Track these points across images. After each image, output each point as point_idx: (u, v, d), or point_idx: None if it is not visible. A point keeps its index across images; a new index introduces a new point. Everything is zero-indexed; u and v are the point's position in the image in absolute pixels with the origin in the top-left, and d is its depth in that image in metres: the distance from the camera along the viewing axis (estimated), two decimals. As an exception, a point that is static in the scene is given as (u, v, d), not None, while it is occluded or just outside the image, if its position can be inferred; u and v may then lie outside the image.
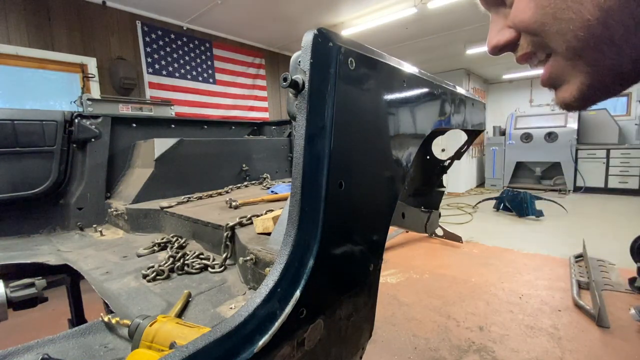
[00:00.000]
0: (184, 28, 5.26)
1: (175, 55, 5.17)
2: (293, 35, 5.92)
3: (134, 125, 2.20)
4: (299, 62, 0.64)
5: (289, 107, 0.70)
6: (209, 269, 1.13)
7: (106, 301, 0.93)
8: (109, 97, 4.05)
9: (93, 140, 1.91)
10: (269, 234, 1.07)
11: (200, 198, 1.82)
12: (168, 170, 1.90)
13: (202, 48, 5.55)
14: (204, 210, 1.52)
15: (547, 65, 0.40)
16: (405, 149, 0.95)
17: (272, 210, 1.26)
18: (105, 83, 4.42)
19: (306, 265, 0.65)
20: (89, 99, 3.46)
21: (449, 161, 2.23)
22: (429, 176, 2.32)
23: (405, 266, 3.61)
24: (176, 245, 1.33)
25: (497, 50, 0.45)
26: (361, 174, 0.78)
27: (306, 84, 0.62)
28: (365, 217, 0.83)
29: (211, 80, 5.70)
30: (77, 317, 1.75)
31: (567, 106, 0.41)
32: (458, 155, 2.22)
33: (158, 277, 1.07)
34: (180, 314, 0.84)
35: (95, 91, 4.30)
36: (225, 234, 1.17)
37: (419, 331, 2.36)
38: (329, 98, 0.66)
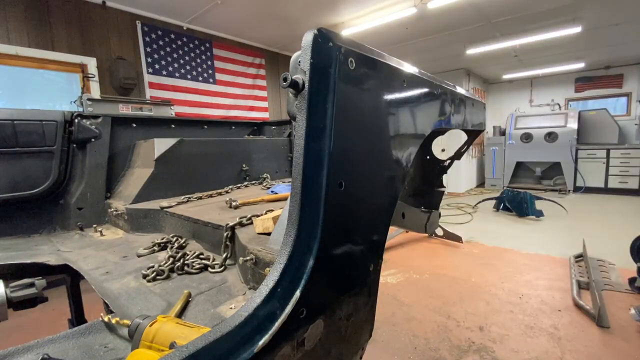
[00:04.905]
0: (184, 28, 5.26)
1: (175, 55, 5.17)
2: (293, 35, 5.92)
3: (134, 125, 2.20)
4: (299, 62, 0.64)
5: (289, 107, 0.70)
6: (209, 269, 1.13)
7: (106, 301, 0.93)
8: (109, 97, 4.05)
9: (93, 140, 1.91)
10: (269, 234, 1.07)
11: (200, 198, 1.82)
12: (168, 170, 1.90)
13: (202, 48, 5.54)
14: (204, 210, 1.52)
15: None
16: (405, 149, 0.95)
17: (272, 210, 1.26)
18: (105, 83, 4.41)
19: (306, 265, 0.65)
20: (89, 99, 3.46)
21: (449, 161, 2.23)
22: (429, 176, 2.32)
23: (405, 266, 3.61)
24: (176, 245, 1.33)
25: None
26: (361, 174, 0.78)
27: (306, 84, 0.62)
28: (365, 217, 0.83)
29: (211, 80, 5.69)
30: (77, 317, 1.74)
31: None
32: (458, 155, 2.22)
33: (158, 277, 1.07)
34: (180, 314, 0.84)
35: (95, 91, 4.30)
36: (225, 234, 1.16)
37: (419, 331, 2.36)
38: (329, 98, 0.66)
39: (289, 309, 0.61)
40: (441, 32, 5.83)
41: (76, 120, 1.85)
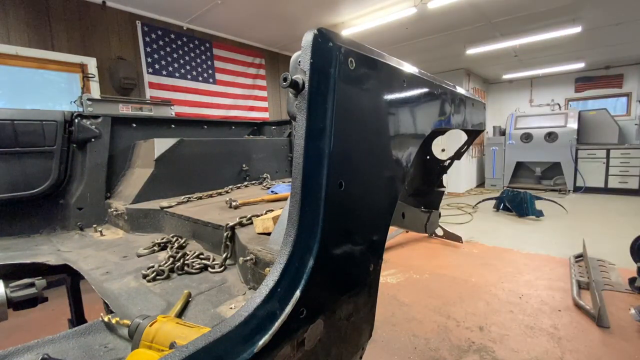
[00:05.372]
0: (184, 28, 5.26)
1: (175, 55, 5.17)
2: (293, 35, 5.92)
3: (134, 125, 2.20)
4: (299, 62, 0.64)
5: (289, 107, 0.70)
6: (209, 269, 1.13)
7: (106, 301, 0.93)
8: (109, 97, 4.04)
9: (93, 140, 1.91)
10: (269, 234, 1.07)
11: (200, 198, 1.82)
12: (168, 170, 1.90)
13: (202, 48, 5.54)
14: (204, 210, 1.52)
15: None
16: (405, 149, 0.95)
17: (272, 210, 1.26)
18: (105, 83, 4.41)
19: (306, 265, 0.65)
20: (89, 99, 3.45)
21: (449, 161, 2.23)
22: (429, 176, 2.32)
23: (405, 266, 3.61)
24: (176, 245, 1.33)
25: None
26: (361, 174, 0.78)
27: (306, 84, 0.62)
28: (365, 217, 0.83)
29: (211, 80, 5.69)
30: (77, 317, 1.75)
31: None
32: (458, 155, 2.22)
33: (158, 277, 1.07)
34: (180, 314, 0.84)
35: (95, 91, 4.29)
36: (225, 234, 1.16)
37: (419, 331, 2.36)
38: (329, 98, 0.66)
39: (289, 309, 0.61)
40: (441, 32, 5.83)
41: (76, 120, 1.85)
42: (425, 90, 1.06)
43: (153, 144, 1.88)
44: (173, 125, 2.45)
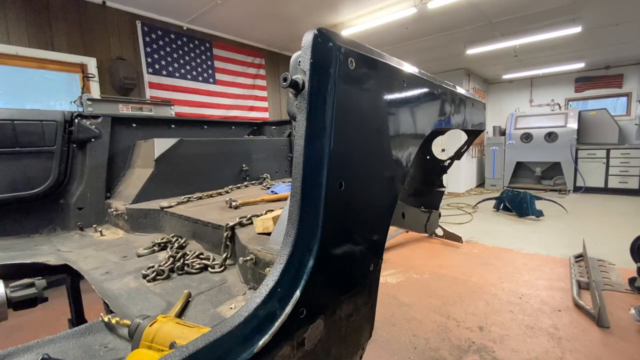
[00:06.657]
0: (184, 28, 5.26)
1: (175, 55, 5.17)
2: (293, 35, 5.92)
3: (134, 125, 2.20)
4: (299, 62, 0.64)
5: (289, 107, 0.70)
6: (209, 269, 1.13)
7: (106, 301, 0.93)
8: (109, 97, 4.04)
9: (93, 140, 1.91)
10: (269, 234, 1.07)
11: (200, 198, 1.82)
12: (168, 170, 1.90)
13: (202, 48, 5.54)
14: (204, 210, 1.52)
15: None
16: (405, 149, 0.95)
17: (272, 210, 1.26)
18: (105, 83, 4.41)
19: (306, 265, 0.65)
20: (89, 99, 3.45)
21: (449, 161, 2.23)
22: (429, 176, 2.33)
23: (405, 266, 3.61)
24: (176, 245, 1.33)
25: None
26: (361, 174, 0.78)
27: (306, 84, 0.62)
28: (365, 217, 0.83)
29: (211, 80, 5.69)
30: (77, 317, 1.74)
31: None
32: (458, 155, 2.23)
33: (158, 277, 1.07)
34: (180, 314, 0.84)
35: (95, 91, 4.29)
36: (225, 234, 1.17)
37: (419, 331, 2.36)
38: (329, 98, 0.66)
39: (289, 309, 0.61)
40: (441, 32, 5.83)
41: (76, 120, 1.85)
42: (425, 90, 1.06)
43: (153, 144, 1.88)
44: (173, 125, 2.45)
